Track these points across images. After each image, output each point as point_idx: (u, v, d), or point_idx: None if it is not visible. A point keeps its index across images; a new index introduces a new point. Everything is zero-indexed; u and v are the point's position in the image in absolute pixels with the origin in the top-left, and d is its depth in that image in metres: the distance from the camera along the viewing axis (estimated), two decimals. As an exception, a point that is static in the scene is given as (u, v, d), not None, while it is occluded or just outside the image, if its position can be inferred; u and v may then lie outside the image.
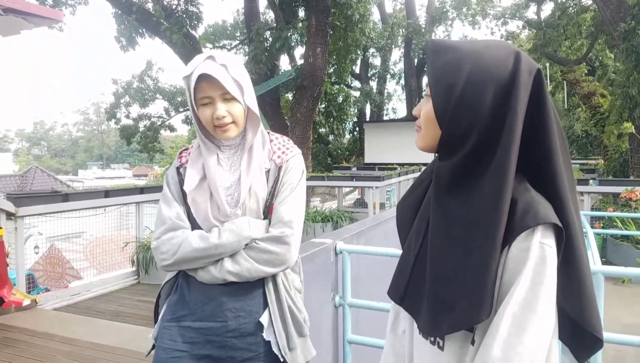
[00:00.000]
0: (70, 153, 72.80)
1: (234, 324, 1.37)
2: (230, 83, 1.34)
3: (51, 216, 5.46)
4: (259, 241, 1.38)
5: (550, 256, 0.77)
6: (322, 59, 11.40)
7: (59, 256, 6.75)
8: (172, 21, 11.61)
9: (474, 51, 0.83)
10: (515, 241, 0.78)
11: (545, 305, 0.76)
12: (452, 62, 0.83)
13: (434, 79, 0.84)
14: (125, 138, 17.26)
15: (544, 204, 0.80)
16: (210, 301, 1.38)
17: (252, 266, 1.36)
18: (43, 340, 3.63)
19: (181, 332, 1.39)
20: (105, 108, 18.44)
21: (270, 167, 1.46)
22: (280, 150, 1.49)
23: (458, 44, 0.86)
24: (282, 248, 1.38)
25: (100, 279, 5.72)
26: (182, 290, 1.43)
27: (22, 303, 4.27)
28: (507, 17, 17.95)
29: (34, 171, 21.63)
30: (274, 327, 1.39)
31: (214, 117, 1.35)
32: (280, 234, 1.38)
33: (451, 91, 0.82)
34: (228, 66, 1.35)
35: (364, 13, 13.10)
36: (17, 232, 4.66)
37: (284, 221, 1.40)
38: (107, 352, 3.38)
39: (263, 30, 11.89)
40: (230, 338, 1.37)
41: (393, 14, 21.83)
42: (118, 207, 6.11)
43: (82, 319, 4.26)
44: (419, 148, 0.93)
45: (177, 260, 1.36)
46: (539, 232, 0.77)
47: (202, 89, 1.34)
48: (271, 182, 1.44)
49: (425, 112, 0.89)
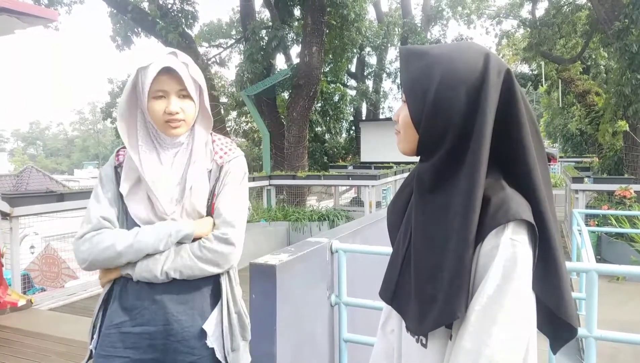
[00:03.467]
0: (66, 153, 72.50)
1: (176, 327, 1.35)
2: (189, 81, 1.35)
3: (47, 216, 5.44)
4: (204, 240, 1.37)
5: (521, 252, 0.79)
6: (318, 58, 11.40)
7: (55, 256, 6.72)
8: (168, 20, 11.58)
9: (444, 55, 0.86)
10: (487, 238, 0.80)
11: (514, 300, 0.78)
12: (423, 68, 0.86)
13: (408, 86, 0.88)
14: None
15: (518, 201, 0.82)
16: (151, 306, 1.35)
17: (194, 264, 1.34)
18: (38, 341, 3.62)
19: (122, 338, 1.36)
20: (101, 107, 18.36)
21: (211, 167, 1.45)
22: (223, 150, 1.48)
23: (428, 49, 0.89)
24: (227, 248, 1.37)
25: (97, 279, 5.70)
26: (120, 297, 1.39)
27: (18, 303, 4.26)
28: (502, 16, 18.00)
29: (29, 171, 21.52)
30: (223, 330, 1.39)
31: (165, 111, 1.33)
32: (224, 234, 1.37)
33: (424, 96, 0.85)
34: (189, 65, 1.36)
35: (360, 12, 13.11)
36: (12, 232, 4.65)
37: (227, 221, 1.39)
38: (103, 352, 3.37)
39: (259, 29, 11.87)
40: (173, 342, 1.35)
41: (389, 13, 21.86)
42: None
43: (78, 319, 4.25)
44: (400, 151, 0.97)
45: (96, 259, 1.33)
46: (509, 229, 0.79)
47: (159, 82, 1.32)
48: (212, 181, 1.43)
49: (402, 118, 0.92)
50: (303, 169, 11.00)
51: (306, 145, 12.07)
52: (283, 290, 1.91)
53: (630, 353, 3.50)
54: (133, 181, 1.38)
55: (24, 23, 3.62)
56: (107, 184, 1.42)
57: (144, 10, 12.12)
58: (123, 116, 1.39)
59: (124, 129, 1.39)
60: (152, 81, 1.31)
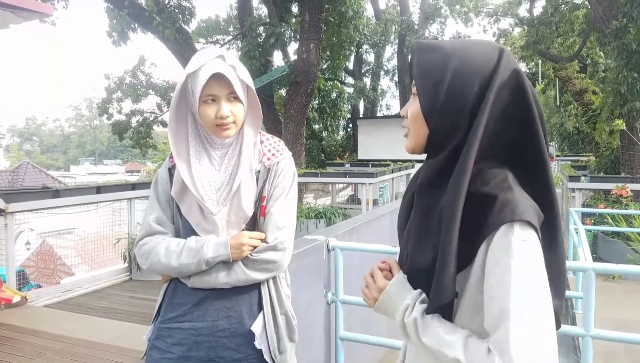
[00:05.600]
0: (62, 149, 72.31)
1: (224, 323, 1.37)
2: (238, 84, 1.36)
3: (43, 212, 5.41)
4: (255, 254, 1.37)
5: (536, 252, 0.79)
6: (315, 55, 11.38)
7: (51, 252, 6.69)
8: (165, 16, 11.53)
9: (459, 48, 0.86)
10: (496, 237, 0.78)
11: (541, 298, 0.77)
12: (438, 60, 0.85)
13: (421, 77, 0.86)
14: (117, 134, 17.16)
15: (524, 202, 0.81)
16: (200, 302, 1.38)
17: (247, 277, 1.37)
18: (33, 337, 3.60)
19: (170, 333, 1.39)
20: (97, 103, 18.28)
21: (260, 168, 1.45)
22: (271, 152, 1.47)
23: (443, 43, 0.88)
24: (278, 255, 1.39)
25: (92, 275, 5.67)
26: (173, 293, 1.43)
27: (12, 300, 4.24)
28: (499, 14, 18.00)
29: (25, 166, 21.44)
30: (267, 332, 1.39)
31: (217, 116, 1.35)
32: (275, 241, 1.39)
33: (438, 87, 0.84)
34: (237, 68, 1.37)
35: (358, 9, 13.10)
36: (7, 228, 4.62)
37: (279, 227, 1.40)
38: (98, 349, 3.36)
39: (256, 26, 11.84)
40: (220, 338, 1.37)
41: (386, 10, 21.81)
42: (110, 203, 6.06)
43: (73, 316, 4.24)
44: (408, 149, 0.94)
45: (149, 268, 1.40)
46: (518, 228, 0.78)
47: (209, 87, 1.33)
48: (260, 184, 1.43)
49: (412, 112, 0.90)
50: (300, 167, 11.00)
51: (303, 142, 12.06)
52: (279, 288, 1.90)
53: (625, 352, 3.51)
54: (182, 184, 1.40)
55: (18, 17, 3.58)
56: (162, 186, 1.46)
57: (141, 6, 12.06)
58: (172, 121, 1.41)
59: (173, 135, 1.41)
60: (203, 86, 1.33)
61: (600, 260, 6.37)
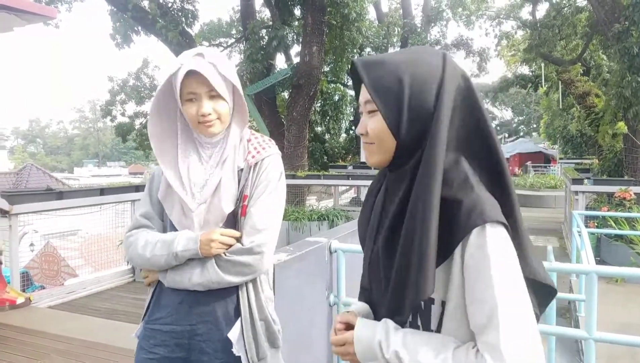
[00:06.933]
0: (66, 151, 72.50)
1: (201, 328, 1.36)
2: (218, 81, 1.33)
3: (46, 214, 5.44)
4: (229, 255, 1.33)
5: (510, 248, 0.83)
6: (318, 57, 11.40)
7: (55, 253, 6.72)
8: (168, 19, 11.57)
9: (406, 58, 0.88)
10: (470, 242, 0.81)
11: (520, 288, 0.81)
12: (391, 73, 0.86)
13: (380, 93, 0.86)
14: (121, 136, 17.20)
15: (490, 202, 0.84)
16: (181, 304, 1.38)
17: (219, 279, 1.33)
18: (37, 338, 3.62)
19: (154, 334, 1.40)
20: (100, 106, 18.33)
21: (243, 166, 1.41)
22: (256, 150, 1.44)
23: (387, 57, 0.89)
24: (253, 258, 1.34)
25: (96, 277, 5.70)
26: (159, 292, 1.43)
27: (16, 301, 4.26)
28: (502, 17, 17.98)
29: (29, 168, 21.54)
30: (244, 339, 1.35)
31: (198, 113, 1.34)
32: (251, 244, 1.33)
33: (400, 100, 0.85)
34: (217, 64, 1.34)
35: (360, 12, 13.10)
36: (11, 230, 4.65)
37: (257, 228, 1.35)
38: (101, 350, 3.38)
39: (259, 29, 11.86)
40: (198, 342, 1.36)
41: (389, 13, 21.84)
42: (113, 205, 6.09)
43: (77, 317, 4.26)
44: (374, 164, 0.94)
45: (130, 259, 1.42)
46: (489, 229, 0.81)
47: (189, 86, 1.33)
48: (242, 182, 1.39)
49: (376, 128, 0.90)
50: (303, 169, 11.00)
51: (306, 145, 12.06)
52: (282, 290, 1.91)
53: (629, 355, 3.50)
54: (166, 183, 1.42)
55: (22, 20, 3.59)
56: (156, 183, 1.47)
57: (144, 8, 12.11)
58: (155, 124, 1.42)
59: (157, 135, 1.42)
60: (180, 85, 1.33)
61: (604, 262, 6.35)
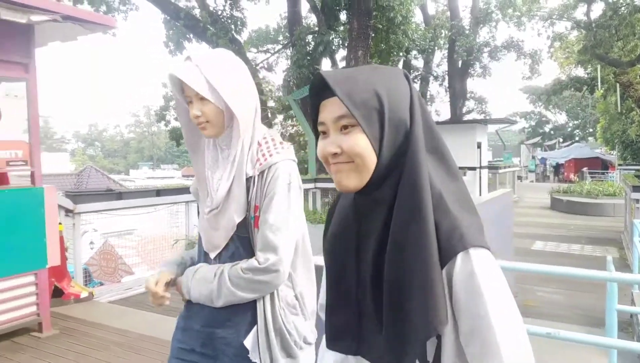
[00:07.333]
0: (122, 154, 75.71)
1: (222, 332, 1.38)
2: (200, 83, 1.28)
3: (105, 214, 5.75)
4: (245, 270, 1.30)
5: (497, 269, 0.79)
6: (363, 61, 11.42)
7: (113, 251, 7.07)
8: (218, 27, 11.96)
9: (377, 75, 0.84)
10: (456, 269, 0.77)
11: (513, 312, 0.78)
12: (365, 89, 0.82)
13: (360, 108, 0.80)
14: (174, 140, 17.76)
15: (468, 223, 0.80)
16: (201, 311, 1.41)
17: (236, 298, 1.33)
18: (98, 331, 3.85)
19: (177, 337, 1.49)
20: (155, 111, 19.08)
21: (251, 174, 1.34)
22: (264, 156, 1.35)
23: (351, 72, 0.84)
24: (269, 276, 1.30)
25: (152, 275, 5.95)
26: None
27: (80, 295, 4.54)
28: (554, 18, 17.35)
29: (89, 170, 22.77)
30: (259, 347, 1.34)
31: (191, 116, 1.35)
32: (267, 263, 1.29)
33: (381, 115, 0.82)
34: (201, 66, 1.29)
35: (407, 15, 13.02)
36: (74, 228, 4.96)
37: (271, 246, 1.29)
38: (160, 345, 3.55)
39: (305, 35, 12.04)
40: (220, 345, 1.38)
41: (436, 15, 21.54)
42: (168, 206, 6.37)
43: (134, 312, 4.48)
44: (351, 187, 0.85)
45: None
46: (473, 253, 0.77)
47: (185, 89, 1.34)
48: (252, 191, 1.34)
49: (355, 144, 0.82)
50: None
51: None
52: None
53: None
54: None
55: (85, 30, 3.80)
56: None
57: (196, 17, 12.58)
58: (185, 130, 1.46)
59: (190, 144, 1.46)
60: (173, 89, 1.36)
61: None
